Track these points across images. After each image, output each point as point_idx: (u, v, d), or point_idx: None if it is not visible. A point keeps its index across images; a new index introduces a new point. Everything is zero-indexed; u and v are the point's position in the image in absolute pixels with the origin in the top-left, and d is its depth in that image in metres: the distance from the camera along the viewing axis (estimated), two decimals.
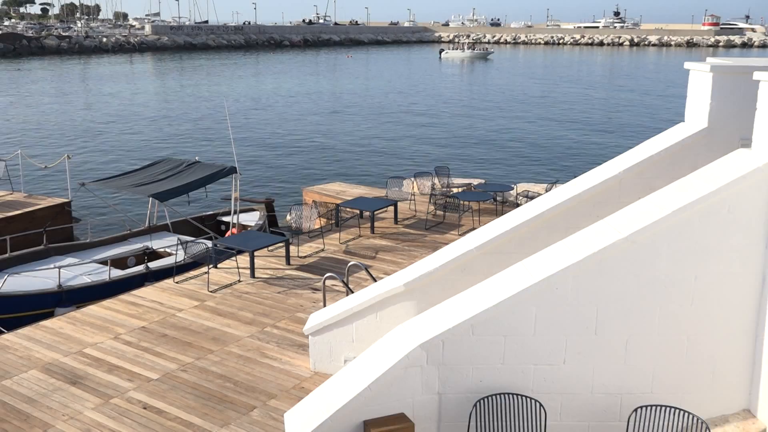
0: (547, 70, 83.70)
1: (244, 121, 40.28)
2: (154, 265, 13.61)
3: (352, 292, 9.45)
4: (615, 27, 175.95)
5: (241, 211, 17.29)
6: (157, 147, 31.89)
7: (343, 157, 30.14)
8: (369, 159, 29.74)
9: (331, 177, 25.75)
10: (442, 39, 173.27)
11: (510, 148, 32.65)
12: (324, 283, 9.89)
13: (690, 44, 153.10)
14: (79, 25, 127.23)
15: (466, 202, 16.39)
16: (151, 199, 14.47)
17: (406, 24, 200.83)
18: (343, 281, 9.51)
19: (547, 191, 16.82)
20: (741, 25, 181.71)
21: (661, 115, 45.08)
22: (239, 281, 11.89)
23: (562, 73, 78.05)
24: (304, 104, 48.31)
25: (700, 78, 7.83)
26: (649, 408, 6.31)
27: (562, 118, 42.32)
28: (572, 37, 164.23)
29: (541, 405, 6.24)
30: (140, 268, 13.39)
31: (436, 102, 50.56)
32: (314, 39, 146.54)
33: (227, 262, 12.80)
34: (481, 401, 6.27)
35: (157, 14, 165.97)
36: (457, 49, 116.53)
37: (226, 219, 16.97)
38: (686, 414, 6.16)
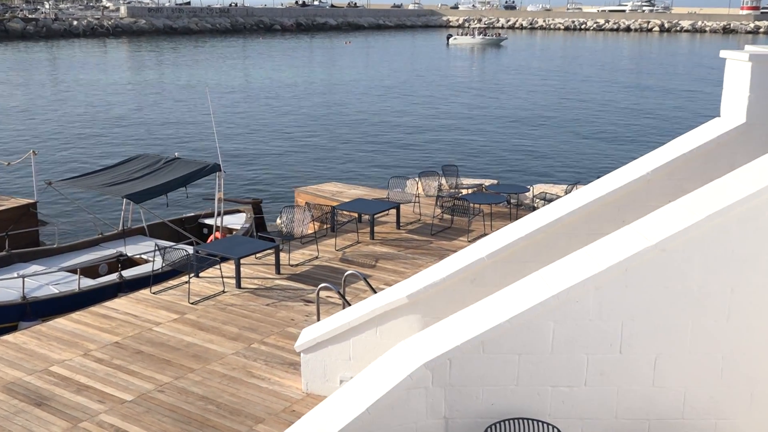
0: (568, 58, 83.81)
1: (230, 113, 40.34)
2: (128, 273, 13.61)
3: (349, 305, 9.45)
4: (643, 11, 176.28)
5: (226, 214, 17.29)
6: (133, 142, 31.93)
7: (339, 154, 30.18)
8: (369, 157, 29.77)
9: (326, 176, 25.78)
10: (451, 24, 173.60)
11: (526, 145, 32.69)
12: (318, 294, 9.89)
13: (727, 30, 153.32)
14: (47, 6, 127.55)
15: (477, 205, 16.40)
16: (125, 200, 14.47)
17: (411, 7, 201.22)
18: (339, 292, 9.51)
19: (566, 193, 16.83)
20: None
21: (695, 109, 45.13)
22: (223, 292, 11.89)
23: (584, 63, 78.16)
24: (297, 96, 48.39)
25: (737, 68, 7.84)
26: None
27: (584, 113, 42.37)
28: (596, 22, 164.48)
29: (558, 431, 6.23)
30: (113, 276, 13.39)
31: (444, 94, 50.63)
32: (308, 23, 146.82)
33: (210, 270, 12.80)
34: (493, 427, 6.26)
35: None
36: (466, 34, 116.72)
37: (209, 222, 16.98)
38: None
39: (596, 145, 32.90)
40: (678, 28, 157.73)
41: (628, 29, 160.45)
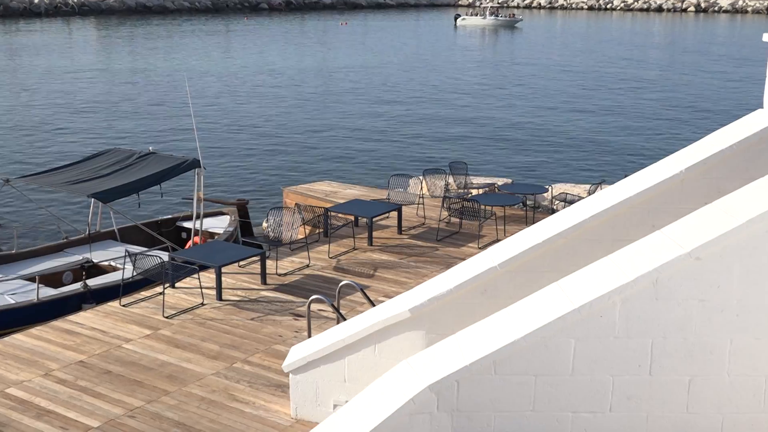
0: (591, 43, 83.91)
1: (211, 103, 40.38)
2: (95, 282, 13.61)
3: (345, 319, 9.44)
4: None
5: (206, 216, 17.30)
6: (102, 135, 31.95)
7: (333, 149, 30.20)
8: (366, 152, 29.79)
9: (319, 174, 25.80)
10: (459, 2, 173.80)
11: (544, 139, 32.72)
12: (309, 307, 9.88)
13: None
14: None
15: (489, 207, 16.40)
16: (92, 199, 14.48)
17: None
18: (332, 305, 9.50)
19: (590, 194, 16.83)
20: None
21: (734, 100, 45.19)
22: (202, 304, 11.88)
23: (610, 47, 78.26)
24: (287, 83, 48.45)
25: None
26: None
27: (610, 103, 42.42)
28: (623, 1, 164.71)
29: None
30: (78, 286, 13.39)
31: (451, 81, 50.70)
32: (299, 1, 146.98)
33: (188, 280, 12.80)
34: None
35: None
36: (477, 14, 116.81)
37: (186, 225, 16.98)
38: None
39: (623, 139, 32.94)
40: (716, 8, 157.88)
41: (659, 9, 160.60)
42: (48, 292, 13.14)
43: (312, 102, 41.42)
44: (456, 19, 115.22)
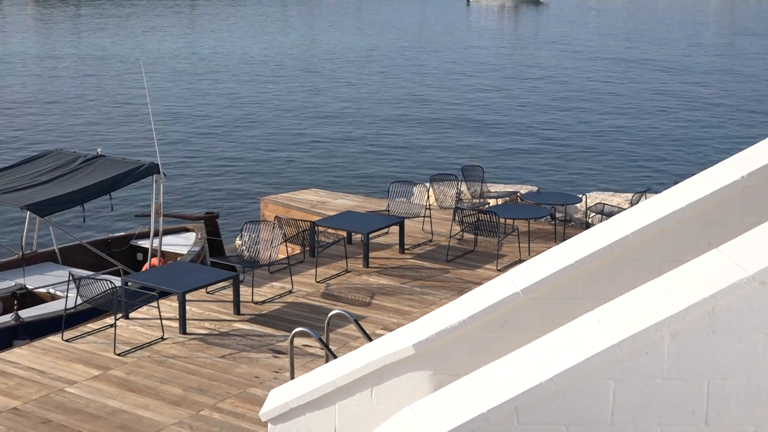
0: (632, 23, 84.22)
1: (173, 95, 40.45)
2: (30, 313, 13.57)
3: (335, 357, 9.42)
4: None
5: (167, 233, 17.29)
6: (41, 134, 31.98)
7: (321, 151, 30.25)
8: (361, 155, 29.84)
9: (303, 181, 25.81)
10: None
11: (576, 138, 32.79)
12: (292, 342, 9.87)
13: None
14: None
15: (510, 221, 16.40)
16: (27, 212, 14.46)
17: None
18: (320, 339, 9.49)
19: (632, 205, 16.84)
20: None
21: None
22: (162, 339, 11.86)
23: (654, 28, 78.53)
24: (264, 72, 48.56)
25: None
26: None
27: (654, 96, 42.54)
28: None
29: None
30: (8, 318, 13.34)
31: (463, 69, 50.84)
32: None
33: (144, 309, 12.79)
34: None
35: None
36: None
37: (143, 244, 16.96)
38: None
39: (672, 140, 33.02)
40: None
41: None
42: None
43: (295, 94, 41.49)
44: None
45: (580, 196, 17.84)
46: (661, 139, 32.96)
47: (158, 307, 12.50)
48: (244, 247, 14.39)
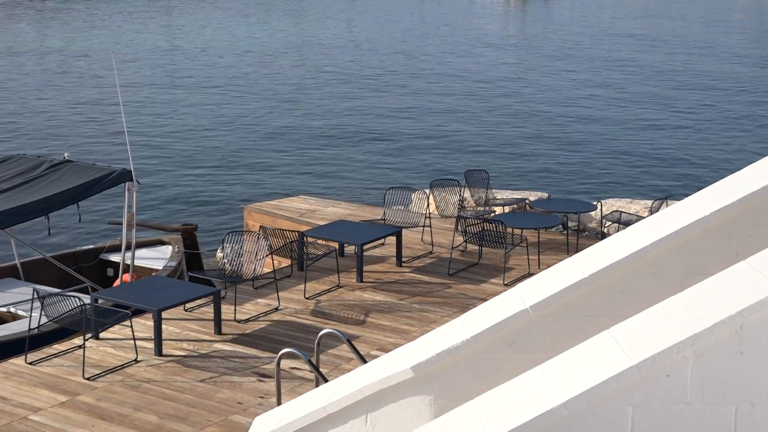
0: (651, 15, 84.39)
1: (148, 94, 40.43)
2: None
3: (326, 380, 9.40)
4: None
5: (141, 246, 17.27)
6: (2, 138, 31.93)
7: (311, 154, 30.22)
8: (355, 158, 29.82)
9: (290, 187, 25.78)
10: None
11: (590, 141, 32.80)
12: (278, 364, 9.85)
13: None
14: None
15: (518, 231, 16.40)
16: None
17: None
18: (309, 361, 9.47)
19: (652, 213, 16.83)
20: None
21: None
22: (136, 361, 11.84)
23: (676, 21, 78.71)
24: (247, 69, 48.56)
25: None
26: None
27: (677, 93, 42.60)
28: None
29: None
30: None
31: (468, 66, 50.90)
32: None
33: (116, 329, 12.76)
34: None
35: None
36: None
37: (114, 258, 16.93)
38: None
39: (695, 141, 33.03)
40: None
41: None
42: None
43: (281, 94, 41.43)
44: None
45: (595, 203, 17.84)
46: (683, 142, 32.92)
47: (131, 327, 12.44)
48: (225, 261, 14.36)
